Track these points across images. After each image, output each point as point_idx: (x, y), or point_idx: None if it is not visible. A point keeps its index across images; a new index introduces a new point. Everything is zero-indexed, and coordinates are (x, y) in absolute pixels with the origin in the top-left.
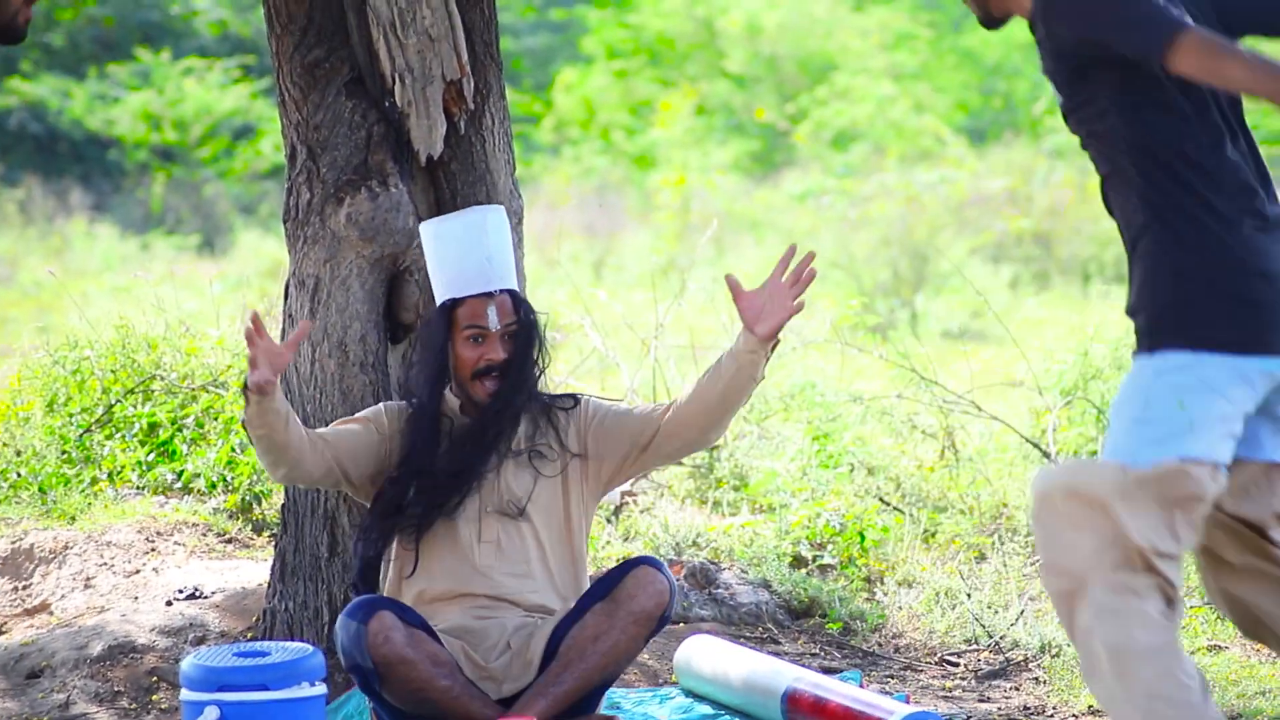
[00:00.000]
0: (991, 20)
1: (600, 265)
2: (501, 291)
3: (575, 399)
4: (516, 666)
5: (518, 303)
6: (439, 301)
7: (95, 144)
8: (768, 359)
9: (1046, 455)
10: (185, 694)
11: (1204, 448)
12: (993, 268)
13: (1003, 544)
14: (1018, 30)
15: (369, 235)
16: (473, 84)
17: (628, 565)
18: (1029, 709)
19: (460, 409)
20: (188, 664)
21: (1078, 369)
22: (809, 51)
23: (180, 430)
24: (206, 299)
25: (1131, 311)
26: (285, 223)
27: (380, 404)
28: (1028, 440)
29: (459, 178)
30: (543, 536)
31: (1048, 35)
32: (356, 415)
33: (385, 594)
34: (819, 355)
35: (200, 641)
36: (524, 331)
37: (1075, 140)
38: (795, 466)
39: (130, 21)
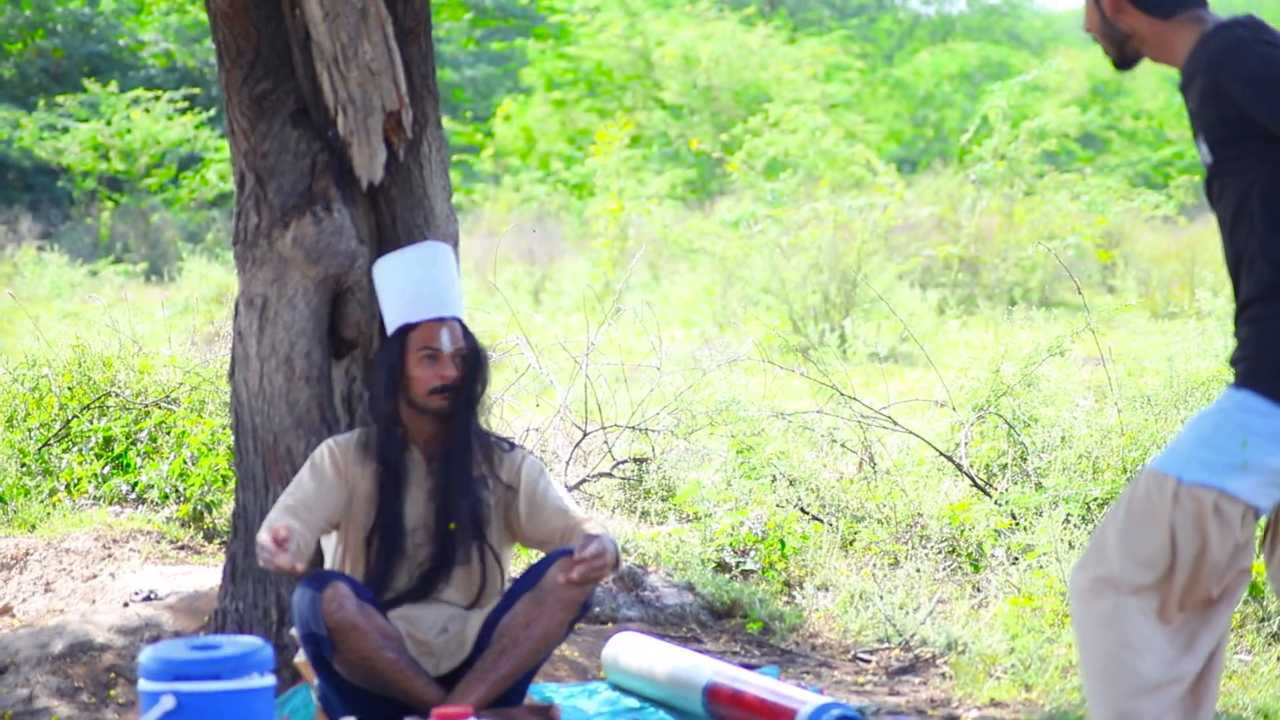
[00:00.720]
0: (1124, 62)
1: (539, 290)
2: (452, 318)
3: (511, 444)
4: (453, 645)
5: (466, 330)
6: (392, 328)
7: (44, 173)
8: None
9: (959, 467)
10: (143, 684)
11: (1246, 490)
12: (920, 292)
13: (915, 550)
14: (948, 61)
15: (314, 257)
16: (411, 115)
17: (552, 557)
18: (935, 701)
19: (407, 434)
20: (146, 656)
21: (989, 386)
22: (744, 82)
23: (134, 444)
24: (156, 323)
25: (1236, 361)
26: (235, 245)
27: (323, 445)
28: (941, 453)
29: (398, 203)
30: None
31: (1203, 108)
32: (307, 471)
33: None
34: (744, 374)
35: (155, 640)
36: (472, 355)
37: (1000, 168)
38: (720, 478)
39: (78, 54)
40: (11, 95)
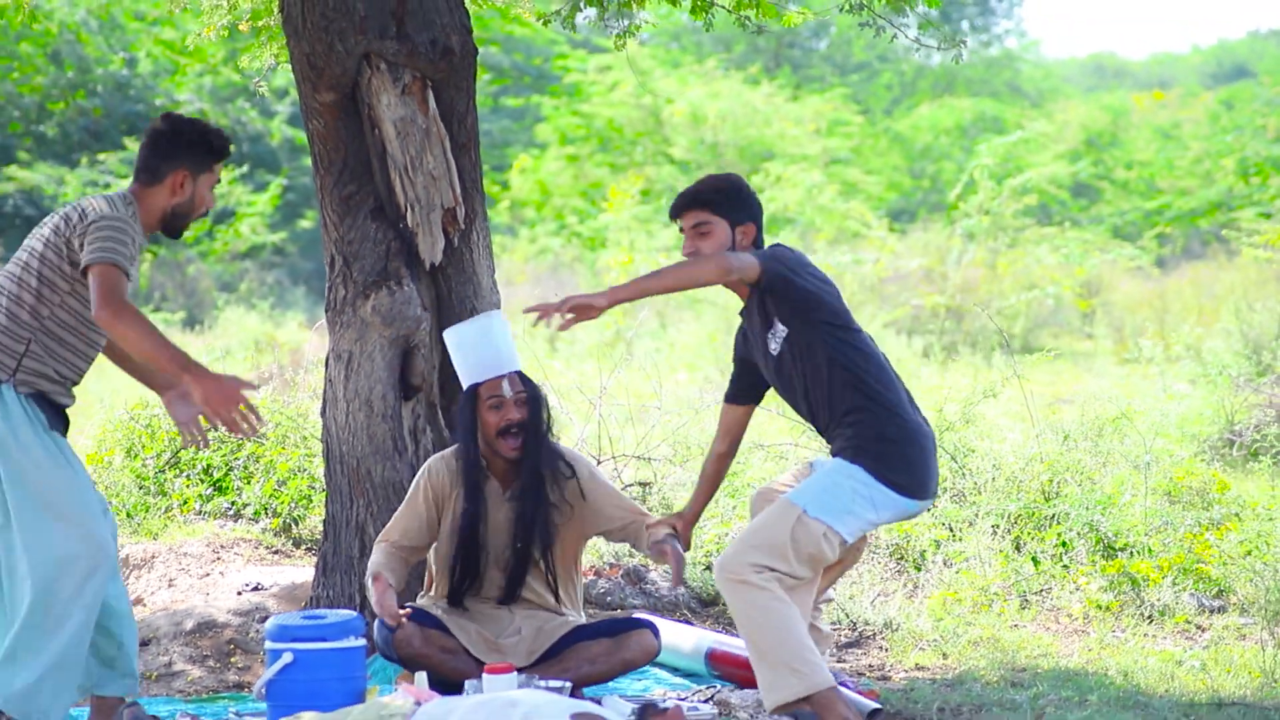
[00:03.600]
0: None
1: (554, 339)
2: (512, 372)
3: (572, 468)
4: (521, 648)
5: (525, 378)
6: (465, 386)
7: None
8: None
9: None
10: (268, 644)
11: (844, 529)
12: (906, 339)
13: (868, 556)
14: (945, 116)
15: (388, 322)
16: (463, 211)
17: (638, 622)
18: (872, 667)
19: (488, 466)
20: (271, 624)
21: (933, 422)
22: (749, 138)
23: (231, 470)
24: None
25: (844, 448)
26: (326, 312)
27: (421, 471)
28: None
29: (454, 279)
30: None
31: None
32: (412, 496)
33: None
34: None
35: (264, 619)
36: (533, 398)
37: (985, 223)
38: None
39: (117, 113)
40: (55, 153)
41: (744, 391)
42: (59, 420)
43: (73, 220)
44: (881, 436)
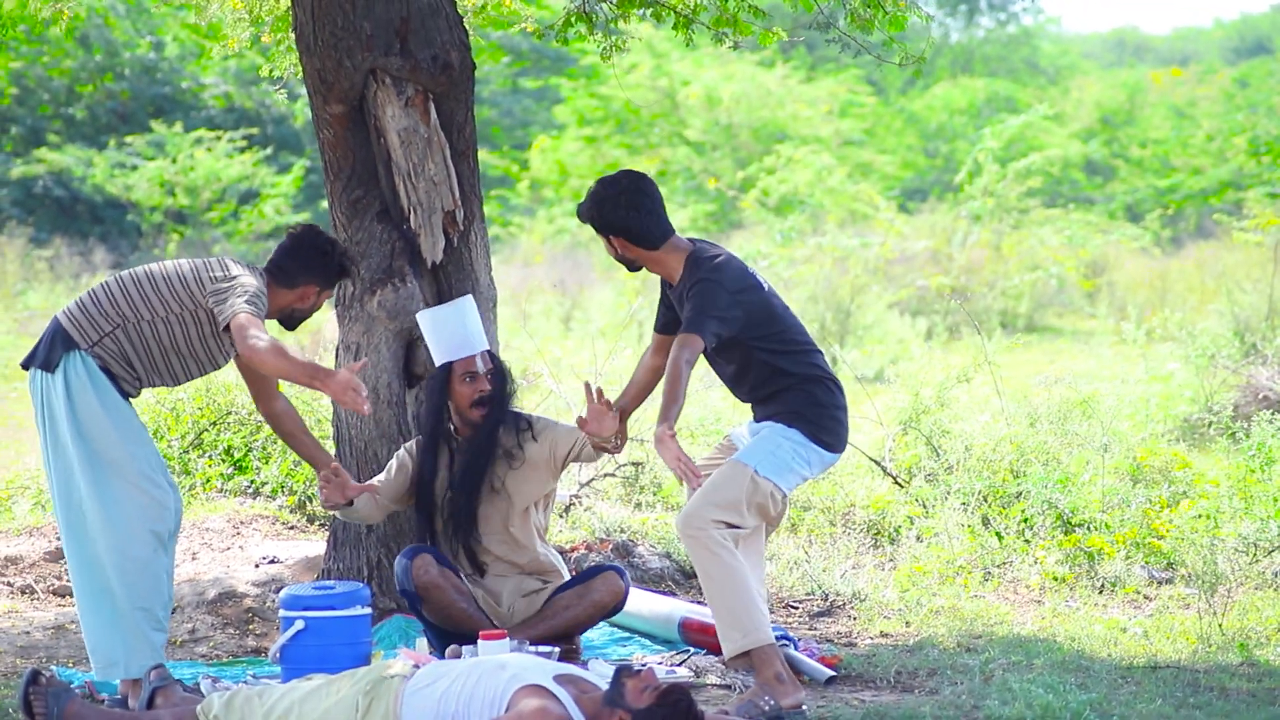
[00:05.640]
0: (635, 269)
1: (569, 318)
2: (483, 350)
3: (529, 423)
4: (519, 613)
5: (493, 356)
6: (438, 364)
7: (114, 207)
8: (611, 451)
9: (883, 469)
10: (282, 613)
11: (786, 484)
12: (910, 320)
13: (844, 532)
14: (958, 96)
15: (393, 316)
16: (462, 213)
17: (604, 568)
18: (840, 634)
19: (456, 431)
20: (284, 594)
21: (911, 406)
22: (762, 120)
23: (250, 451)
24: None
25: (778, 412)
26: (336, 306)
27: (403, 447)
28: (870, 458)
29: (453, 276)
30: (516, 507)
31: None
32: (391, 465)
33: None
34: (720, 395)
35: (281, 589)
36: (499, 374)
37: (990, 204)
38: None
39: (145, 95)
40: (83, 135)
41: (673, 324)
42: (126, 396)
43: (215, 272)
44: (814, 402)
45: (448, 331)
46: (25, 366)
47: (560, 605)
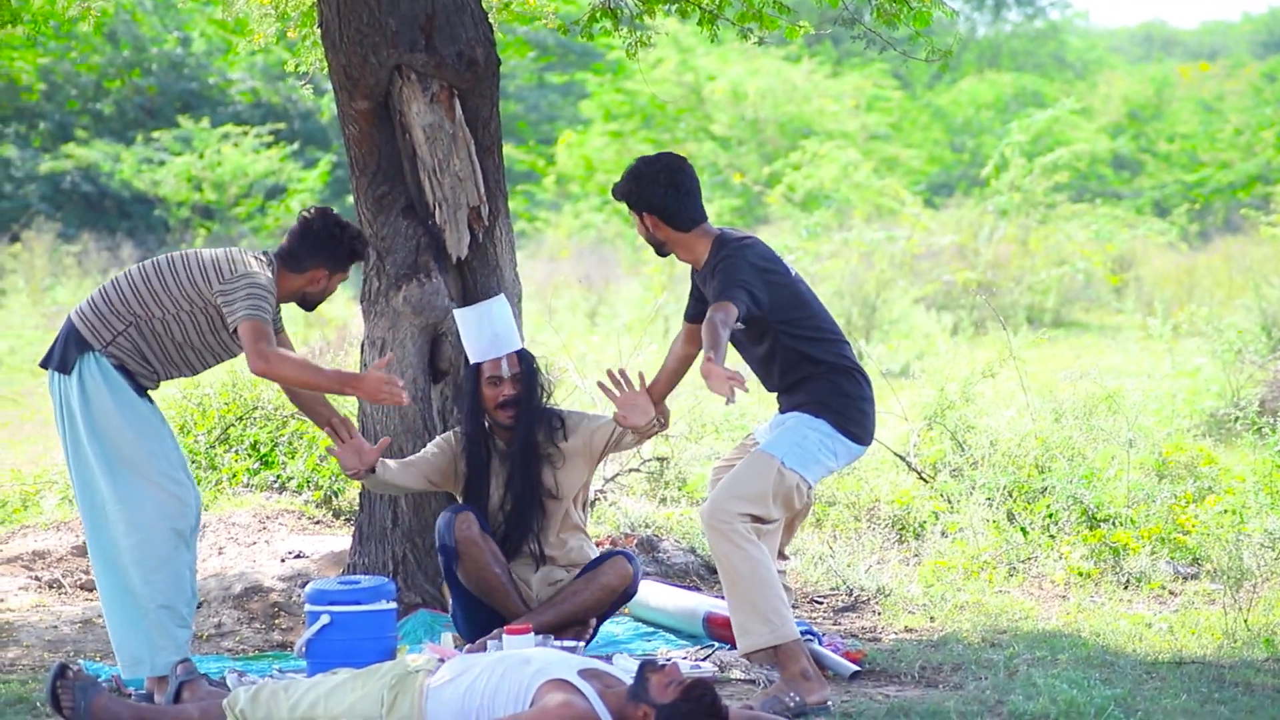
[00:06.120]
0: (664, 253)
1: (595, 313)
2: (511, 352)
3: (562, 419)
4: (542, 600)
5: (522, 357)
6: (471, 363)
7: (142, 202)
8: (642, 439)
9: (908, 464)
10: (308, 607)
11: (812, 476)
12: (936, 315)
13: (869, 527)
14: (985, 90)
15: (418, 311)
16: (487, 208)
17: (614, 553)
18: (865, 629)
19: (491, 430)
20: (310, 589)
21: (936, 401)
22: (788, 115)
23: (276, 446)
24: None
25: (804, 403)
26: (362, 302)
27: (443, 434)
28: (895, 453)
29: (478, 272)
30: (563, 507)
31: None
32: (433, 443)
33: None
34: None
35: (306, 584)
36: (528, 376)
37: (1017, 199)
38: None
39: (172, 91)
40: (111, 130)
41: (703, 313)
42: (144, 392)
43: (221, 266)
44: (840, 392)
45: (473, 333)
46: (43, 366)
47: (569, 591)
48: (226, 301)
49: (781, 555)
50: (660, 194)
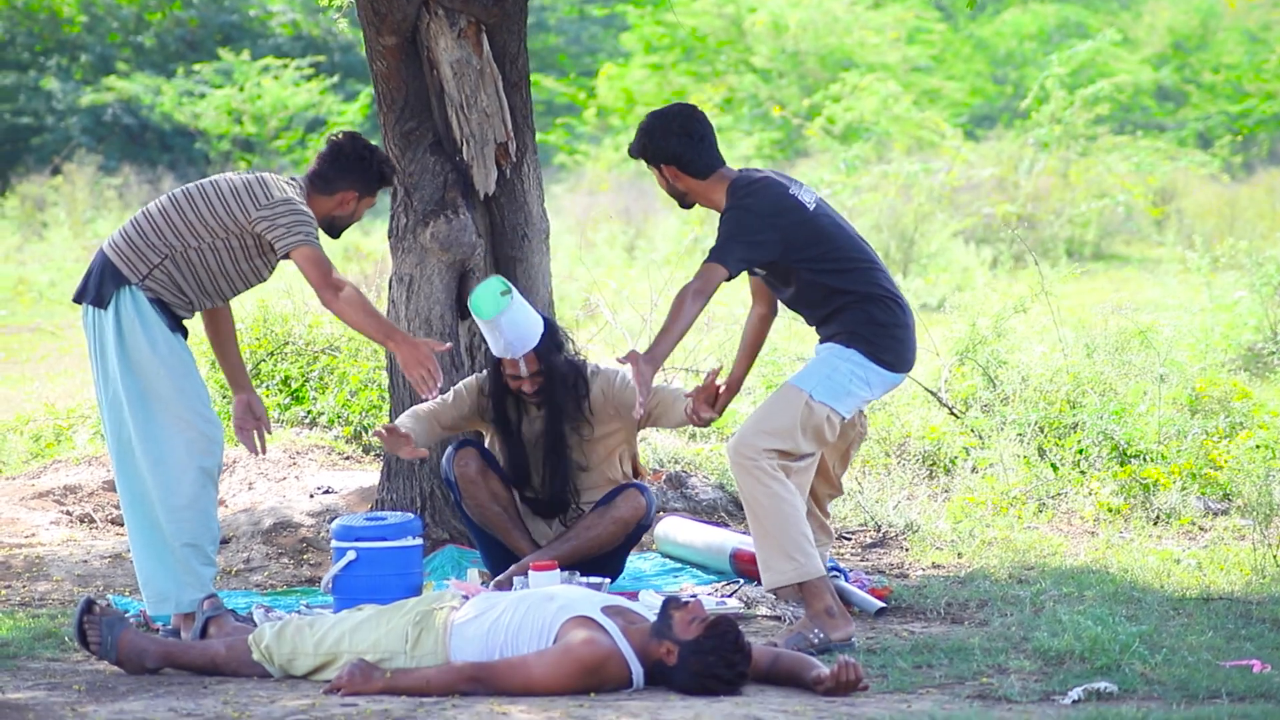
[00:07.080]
0: (687, 205)
1: (633, 247)
2: (529, 352)
3: (587, 384)
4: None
5: (540, 355)
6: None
7: (182, 135)
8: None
9: (939, 399)
10: (334, 543)
11: (844, 408)
12: (975, 248)
13: (899, 463)
14: (1028, 22)
15: (446, 247)
16: (515, 145)
17: (627, 486)
18: (892, 565)
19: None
20: (336, 525)
21: (968, 336)
22: (829, 47)
23: (307, 382)
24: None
25: (837, 333)
26: (390, 238)
27: (462, 383)
28: (925, 389)
29: (506, 208)
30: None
31: None
32: (449, 395)
33: None
34: (780, 320)
35: (335, 519)
36: (548, 369)
37: (1058, 131)
38: (751, 407)
39: (213, 24)
40: (152, 63)
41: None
42: (179, 327)
43: (256, 191)
44: (872, 320)
45: (488, 337)
46: (77, 300)
47: (582, 525)
48: (270, 227)
49: (837, 487)
50: (675, 143)
